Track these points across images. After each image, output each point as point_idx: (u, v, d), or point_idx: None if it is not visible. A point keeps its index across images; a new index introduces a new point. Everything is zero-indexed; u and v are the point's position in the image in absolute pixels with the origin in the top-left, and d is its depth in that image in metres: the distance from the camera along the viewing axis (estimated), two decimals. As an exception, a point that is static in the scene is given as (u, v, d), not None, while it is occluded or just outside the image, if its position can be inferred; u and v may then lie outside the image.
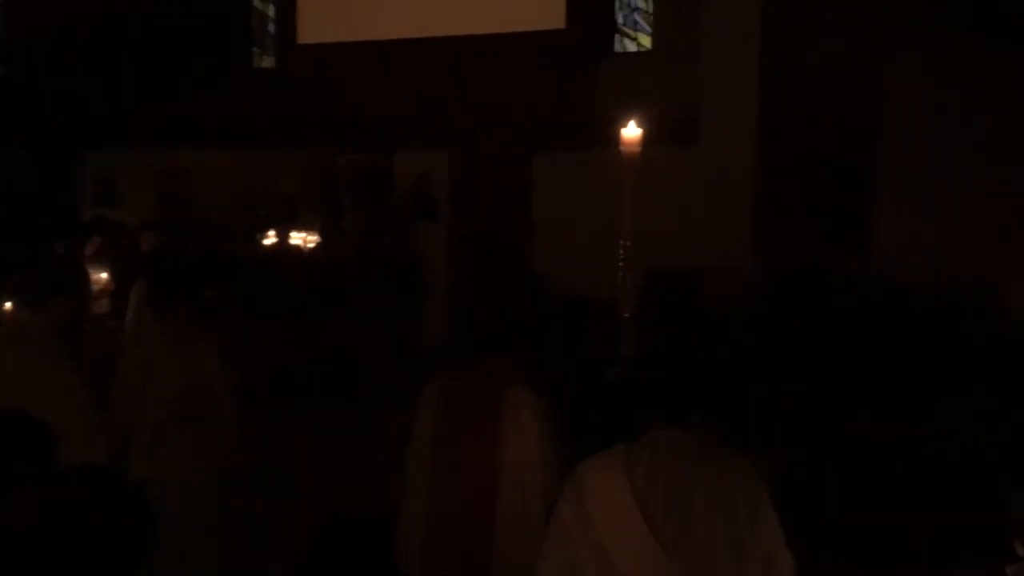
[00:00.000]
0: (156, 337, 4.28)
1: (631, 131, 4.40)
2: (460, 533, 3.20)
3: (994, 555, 2.18)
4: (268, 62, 11.24)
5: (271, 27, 11.08)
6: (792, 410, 5.98)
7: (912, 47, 7.45)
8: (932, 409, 5.61)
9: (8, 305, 3.88)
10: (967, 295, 7.01)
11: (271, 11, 11.07)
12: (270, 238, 10.00)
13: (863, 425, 6.03)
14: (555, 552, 2.52)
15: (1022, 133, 7.02)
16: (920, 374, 6.25)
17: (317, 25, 10.08)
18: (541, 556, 2.58)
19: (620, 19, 8.98)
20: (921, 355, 6.50)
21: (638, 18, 8.94)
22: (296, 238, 10.29)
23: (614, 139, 6.20)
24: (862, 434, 5.91)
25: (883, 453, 5.60)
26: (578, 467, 2.52)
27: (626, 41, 9.02)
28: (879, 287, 7.45)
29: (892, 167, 7.72)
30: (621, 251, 6.06)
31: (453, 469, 3.23)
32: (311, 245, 10.38)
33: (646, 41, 8.93)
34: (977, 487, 4.09)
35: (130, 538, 1.79)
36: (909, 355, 6.57)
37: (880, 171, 7.80)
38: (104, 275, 7.28)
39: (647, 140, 5.58)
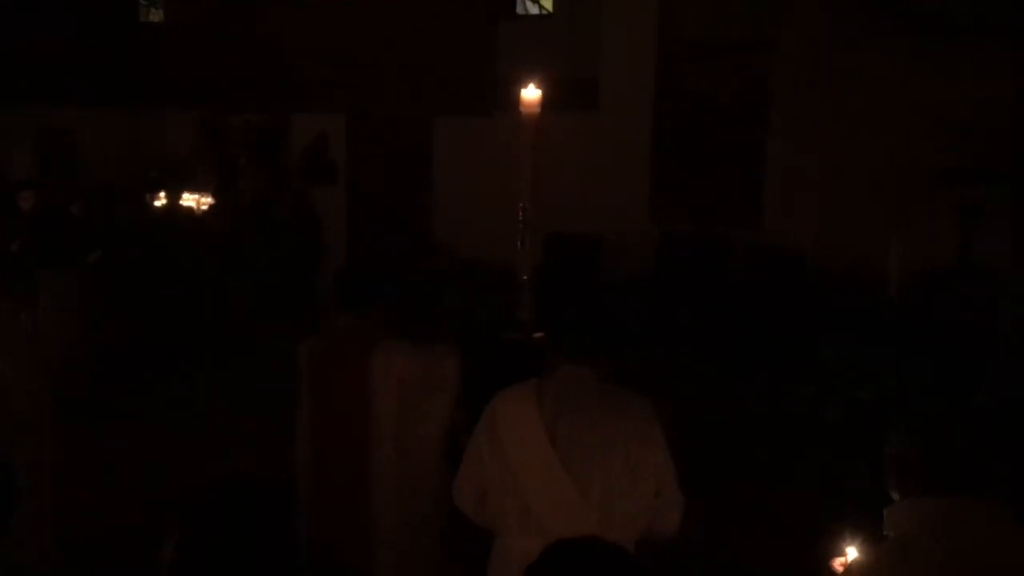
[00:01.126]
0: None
1: (530, 93, 4.38)
2: (341, 483, 3.22)
3: (874, 504, 2.28)
4: (156, 16, 10.82)
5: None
6: (681, 370, 6.13)
7: (805, 18, 7.63)
8: (814, 369, 5.82)
9: None
10: (852, 262, 7.27)
11: (160, -37, 10.65)
12: (160, 200, 9.68)
13: (750, 384, 6.23)
14: (469, 475, 2.69)
15: (909, 106, 7.28)
16: (806, 337, 6.47)
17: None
18: (457, 479, 2.74)
19: (523, -19, 8.95)
20: (807, 319, 6.72)
21: (541, -19, 8.93)
22: (188, 200, 9.99)
23: (514, 102, 6.18)
24: (747, 392, 6.11)
25: (767, 411, 5.80)
26: (493, 397, 2.68)
27: (528, 3, 8.99)
28: (768, 253, 7.67)
29: (784, 137, 7.92)
30: (520, 214, 6.06)
31: (328, 424, 3.25)
32: (204, 207, 10.10)
33: (548, 4, 8.91)
34: (854, 442, 4.27)
35: None
36: (796, 319, 6.79)
37: (772, 140, 8.00)
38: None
39: (547, 103, 5.57)
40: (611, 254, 7.91)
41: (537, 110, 4.44)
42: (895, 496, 2.11)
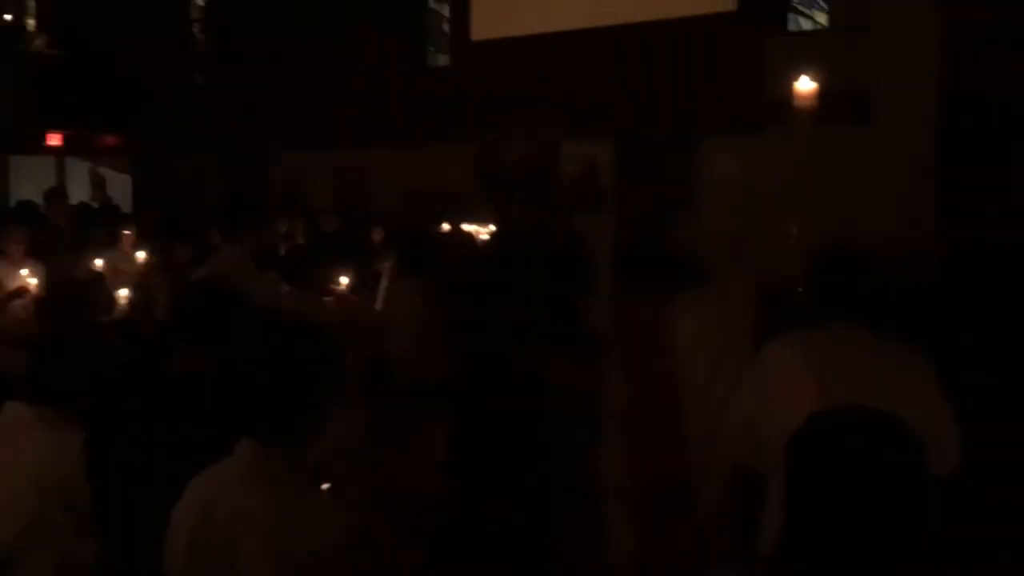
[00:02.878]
0: None
1: (804, 84, 4.37)
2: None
3: None
4: (443, 60, 11.63)
5: (445, 26, 11.49)
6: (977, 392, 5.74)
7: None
8: None
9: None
10: None
11: (446, 10, 11.48)
12: (444, 229, 10.33)
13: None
14: (741, 425, 2.84)
15: None
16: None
17: (489, 22, 10.39)
18: (729, 429, 2.91)
19: (795, -3, 8.82)
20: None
21: (814, -5, 8.76)
22: (469, 230, 10.58)
23: (787, 120, 6.12)
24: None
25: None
26: (765, 344, 2.82)
27: (801, 19, 8.84)
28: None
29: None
30: (793, 230, 6.01)
31: (646, 375, 3.66)
32: (482, 238, 10.66)
33: (822, 19, 8.72)
34: None
35: (319, 367, 2.02)
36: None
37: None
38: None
39: (819, 119, 5.50)
40: (895, 271, 7.56)
41: (813, 102, 4.43)
42: None
